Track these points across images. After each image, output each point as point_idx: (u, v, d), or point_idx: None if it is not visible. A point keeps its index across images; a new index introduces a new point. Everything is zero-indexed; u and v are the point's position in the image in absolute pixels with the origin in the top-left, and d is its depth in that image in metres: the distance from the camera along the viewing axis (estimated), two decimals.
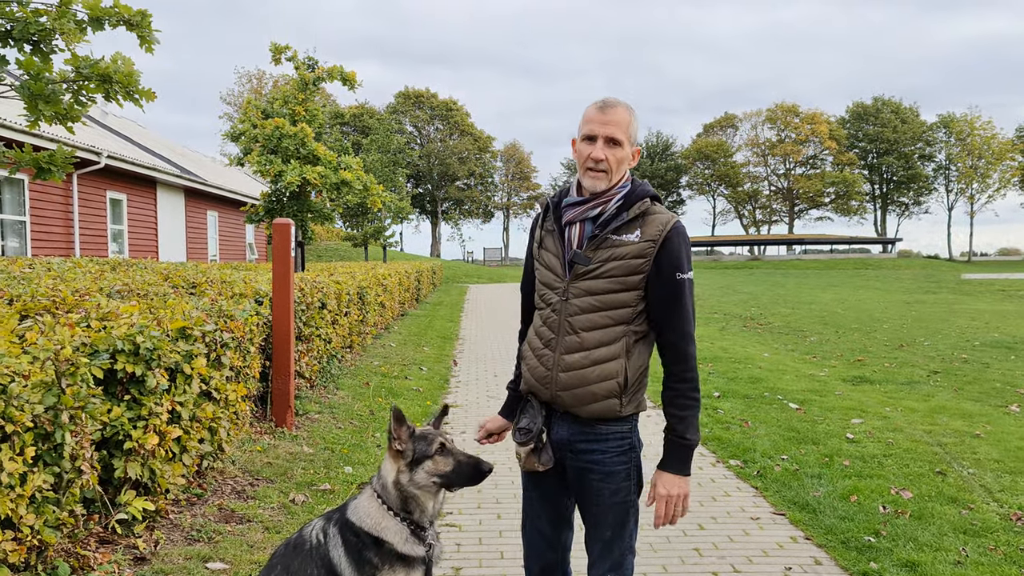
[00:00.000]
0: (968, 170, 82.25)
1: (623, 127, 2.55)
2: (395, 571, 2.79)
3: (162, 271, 8.88)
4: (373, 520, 2.81)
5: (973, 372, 11.67)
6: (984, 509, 5.30)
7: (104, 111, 25.65)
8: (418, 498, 2.76)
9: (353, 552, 2.79)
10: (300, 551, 2.83)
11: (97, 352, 4.02)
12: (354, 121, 72.55)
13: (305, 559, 2.80)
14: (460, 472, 2.75)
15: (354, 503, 2.89)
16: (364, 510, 2.85)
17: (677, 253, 2.49)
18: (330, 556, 2.80)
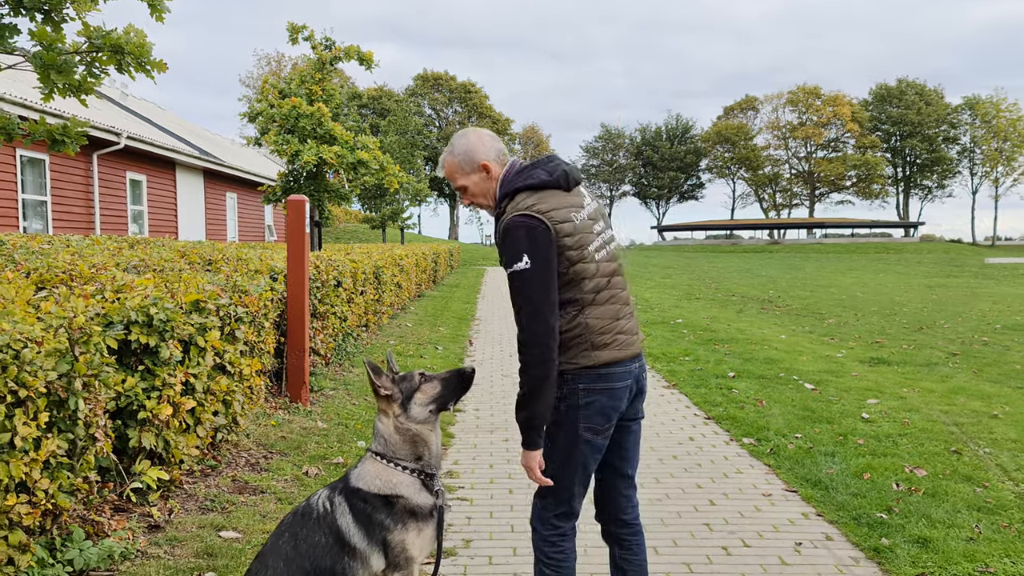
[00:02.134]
0: (993, 153, 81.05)
1: (453, 174, 2.95)
2: (407, 528, 2.83)
3: (179, 248, 8.95)
4: (382, 480, 2.85)
5: (993, 354, 11.55)
6: (999, 487, 5.26)
7: (124, 92, 25.80)
8: (422, 435, 2.86)
9: (362, 517, 2.82)
10: (308, 519, 2.86)
11: (112, 323, 4.07)
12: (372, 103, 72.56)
13: (313, 527, 2.83)
14: (448, 387, 2.89)
15: (356, 471, 2.92)
16: (371, 473, 2.88)
17: (507, 249, 2.71)
18: (338, 524, 2.82)
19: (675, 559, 4.20)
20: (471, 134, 2.94)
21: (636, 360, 2.91)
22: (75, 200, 17.05)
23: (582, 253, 2.75)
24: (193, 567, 3.76)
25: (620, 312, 2.87)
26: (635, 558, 3.07)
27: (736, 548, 4.38)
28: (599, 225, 2.88)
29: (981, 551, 4.20)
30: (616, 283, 2.89)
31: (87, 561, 3.51)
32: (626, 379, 2.84)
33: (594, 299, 2.80)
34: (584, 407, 2.78)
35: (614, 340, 2.82)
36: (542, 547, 2.94)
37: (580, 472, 2.88)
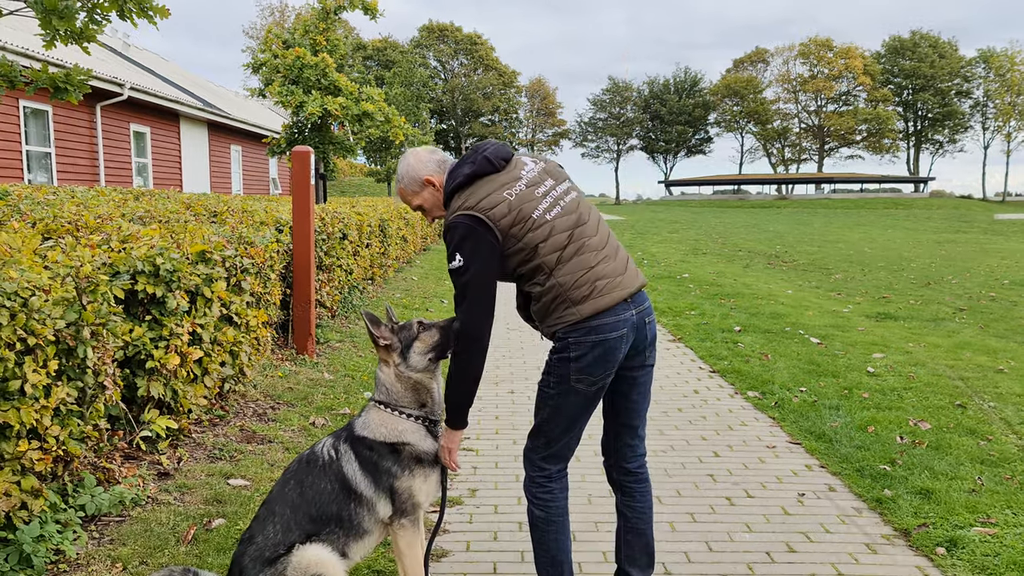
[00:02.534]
0: (1006, 107, 79.90)
1: (407, 198, 3.04)
2: (414, 474, 2.87)
3: (184, 200, 8.93)
4: (388, 427, 2.88)
5: (1000, 310, 11.53)
6: (1003, 441, 5.28)
7: (126, 43, 25.52)
8: (423, 382, 2.91)
9: (368, 465, 2.85)
10: (313, 467, 2.89)
11: (118, 273, 4.07)
12: (377, 55, 71.74)
13: (318, 474, 2.86)
14: (447, 335, 2.89)
15: (361, 420, 2.94)
16: (375, 422, 2.90)
17: (447, 249, 2.81)
18: (344, 471, 2.85)
19: (679, 509, 4.24)
20: (408, 156, 3.03)
21: (631, 307, 2.82)
22: (79, 152, 16.98)
23: (527, 224, 2.77)
24: (203, 513, 3.81)
25: (593, 260, 2.81)
26: (638, 505, 3.10)
27: (739, 499, 4.42)
28: (545, 186, 2.87)
29: (983, 502, 4.23)
30: (582, 233, 2.84)
31: (99, 506, 3.57)
32: (620, 328, 2.78)
33: (559, 258, 2.79)
34: (575, 360, 2.78)
35: (593, 289, 2.77)
36: (530, 487, 2.96)
37: (568, 421, 2.89)
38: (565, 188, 2.92)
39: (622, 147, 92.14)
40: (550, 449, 2.93)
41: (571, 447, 2.98)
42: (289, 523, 2.79)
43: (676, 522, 4.06)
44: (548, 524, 2.94)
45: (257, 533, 2.79)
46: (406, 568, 2.95)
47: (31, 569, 3.05)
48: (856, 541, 3.87)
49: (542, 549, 2.96)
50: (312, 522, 2.79)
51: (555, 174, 2.96)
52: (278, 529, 2.78)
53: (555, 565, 2.95)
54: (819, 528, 4.02)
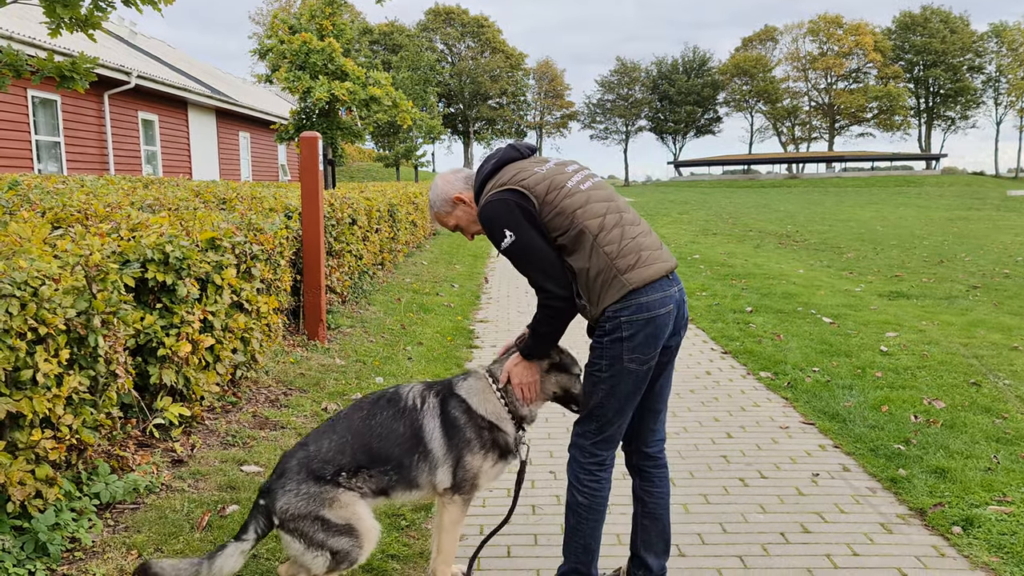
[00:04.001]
0: (1019, 82, 78.92)
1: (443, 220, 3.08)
2: (487, 457, 2.96)
3: (193, 188, 8.93)
4: (492, 405, 2.96)
5: (1014, 287, 11.44)
6: (1018, 418, 5.24)
7: (133, 31, 25.50)
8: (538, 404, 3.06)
9: (451, 427, 2.91)
10: (393, 406, 2.94)
11: (128, 261, 4.07)
12: (384, 39, 71.40)
13: (395, 415, 2.91)
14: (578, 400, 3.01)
15: (466, 383, 3.00)
16: (482, 393, 2.94)
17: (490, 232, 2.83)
18: (422, 423, 2.90)
19: (692, 490, 4.23)
20: (436, 179, 3.07)
21: (673, 284, 2.83)
22: (88, 141, 17.01)
23: (561, 191, 2.80)
24: (217, 499, 3.82)
25: (633, 232, 2.82)
26: (656, 490, 3.09)
27: (753, 479, 4.40)
28: (572, 167, 2.94)
29: (999, 481, 4.20)
30: (615, 207, 2.85)
31: (113, 494, 3.58)
32: (667, 304, 2.79)
33: (601, 224, 2.78)
34: (628, 339, 2.76)
35: (639, 259, 2.76)
36: (578, 474, 2.94)
37: (624, 402, 2.87)
38: (590, 172, 2.97)
39: (631, 128, 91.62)
40: (603, 434, 2.91)
41: (622, 430, 2.97)
42: (345, 447, 2.84)
43: (690, 504, 4.06)
44: (590, 512, 2.92)
45: (311, 443, 2.88)
46: (442, 544, 2.99)
47: (47, 557, 3.07)
48: (871, 521, 3.85)
49: (577, 535, 2.94)
50: (368, 455, 2.85)
51: (578, 163, 3.02)
52: (332, 447, 2.84)
53: (587, 552, 2.96)
54: (833, 508, 4.01)
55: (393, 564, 3.35)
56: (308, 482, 2.81)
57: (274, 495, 2.82)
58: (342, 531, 2.80)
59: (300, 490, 2.80)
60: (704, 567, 3.42)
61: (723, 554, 3.53)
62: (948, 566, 3.41)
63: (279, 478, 2.85)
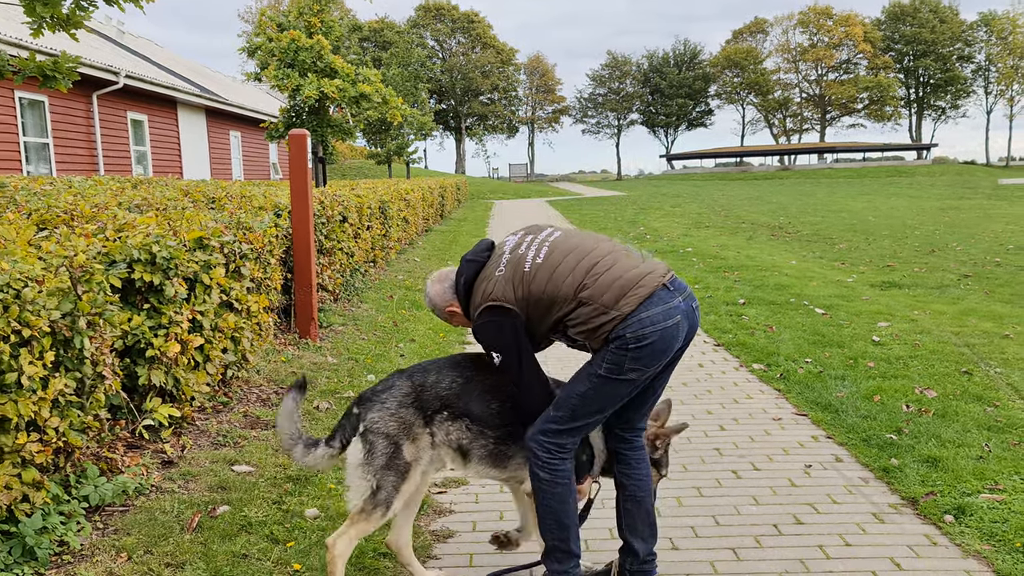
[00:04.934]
0: (1009, 70, 79.17)
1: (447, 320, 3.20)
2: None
3: (182, 187, 8.89)
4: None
5: (1006, 275, 11.46)
6: (1010, 407, 5.25)
7: (121, 30, 25.38)
8: None
9: None
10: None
11: (114, 262, 4.04)
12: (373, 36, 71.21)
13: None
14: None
15: None
16: None
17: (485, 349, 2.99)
18: None
19: (685, 484, 4.23)
20: (429, 292, 3.21)
21: (675, 294, 2.80)
22: (77, 141, 16.92)
23: (524, 282, 2.86)
24: (207, 500, 3.80)
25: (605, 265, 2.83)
26: (634, 472, 3.07)
27: (746, 471, 4.40)
28: (527, 241, 3.01)
29: (991, 469, 4.21)
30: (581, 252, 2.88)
31: (102, 497, 3.56)
32: (673, 315, 2.77)
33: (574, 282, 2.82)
34: (634, 349, 2.74)
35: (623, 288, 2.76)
36: (537, 452, 2.88)
37: (605, 404, 2.88)
38: (547, 233, 3.02)
39: (622, 122, 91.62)
40: (573, 424, 2.88)
41: (593, 427, 2.97)
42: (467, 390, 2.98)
43: (683, 497, 4.05)
44: (554, 486, 2.89)
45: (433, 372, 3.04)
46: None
47: (35, 561, 3.05)
48: (863, 511, 3.85)
49: (548, 513, 2.92)
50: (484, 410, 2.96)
51: (534, 229, 3.08)
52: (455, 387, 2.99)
53: (562, 528, 2.91)
54: (826, 499, 4.01)
55: (385, 562, 3.34)
56: (408, 408, 2.94)
57: (371, 405, 2.94)
58: (399, 470, 2.88)
59: (397, 412, 2.93)
60: (697, 560, 3.42)
61: (716, 547, 3.52)
62: (940, 555, 3.41)
63: (384, 391, 2.98)
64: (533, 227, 3.11)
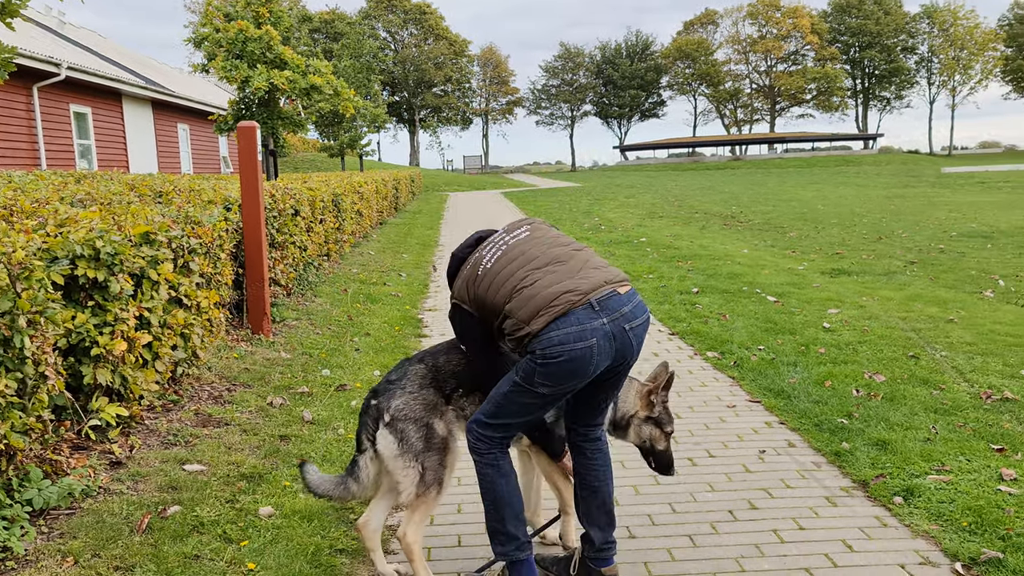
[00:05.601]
0: (950, 62, 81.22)
1: None
2: None
3: (128, 182, 8.68)
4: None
5: (949, 261, 11.75)
6: (955, 389, 5.38)
7: (62, 21, 24.67)
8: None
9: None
10: None
11: (56, 258, 3.92)
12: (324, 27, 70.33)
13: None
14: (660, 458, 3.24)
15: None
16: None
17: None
18: None
19: (642, 472, 4.23)
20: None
21: (599, 315, 2.70)
22: (17, 135, 16.42)
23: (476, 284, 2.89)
24: (158, 500, 3.71)
25: (534, 277, 2.78)
26: (589, 462, 3.06)
27: (701, 459, 4.44)
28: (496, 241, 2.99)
29: (937, 451, 4.30)
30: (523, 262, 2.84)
31: (47, 500, 3.45)
32: (587, 338, 2.66)
33: (502, 293, 2.82)
34: (542, 367, 2.71)
35: (538, 306, 2.71)
36: (470, 438, 2.94)
37: (521, 412, 2.87)
38: (513, 235, 2.99)
39: (576, 113, 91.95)
40: (496, 420, 2.89)
41: (520, 428, 2.98)
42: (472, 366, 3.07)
43: (639, 485, 4.07)
44: (483, 469, 2.92)
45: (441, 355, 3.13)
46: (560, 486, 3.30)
47: None
48: (816, 495, 3.92)
49: (483, 496, 2.94)
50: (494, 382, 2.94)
51: (512, 227, 3.05)
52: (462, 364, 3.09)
53: (496, 510, 2.91)
54: (780, 484, 4.06)
55: (342, 559, 3.30)
56: (429, 388, 3.03)
57: (392, 393, 3.01)
58: (438, 448, 2.97)
59: (420, 394, 3.01)
60: (654, 547, 3.44)
61: (673, 533, 3.55)
62: (890, 535, 3.48)
63: (400, 379, 3.06)
64: (513, 224, 3.08)
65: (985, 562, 3.18)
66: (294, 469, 4.18)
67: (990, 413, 4.89)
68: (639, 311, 2.82)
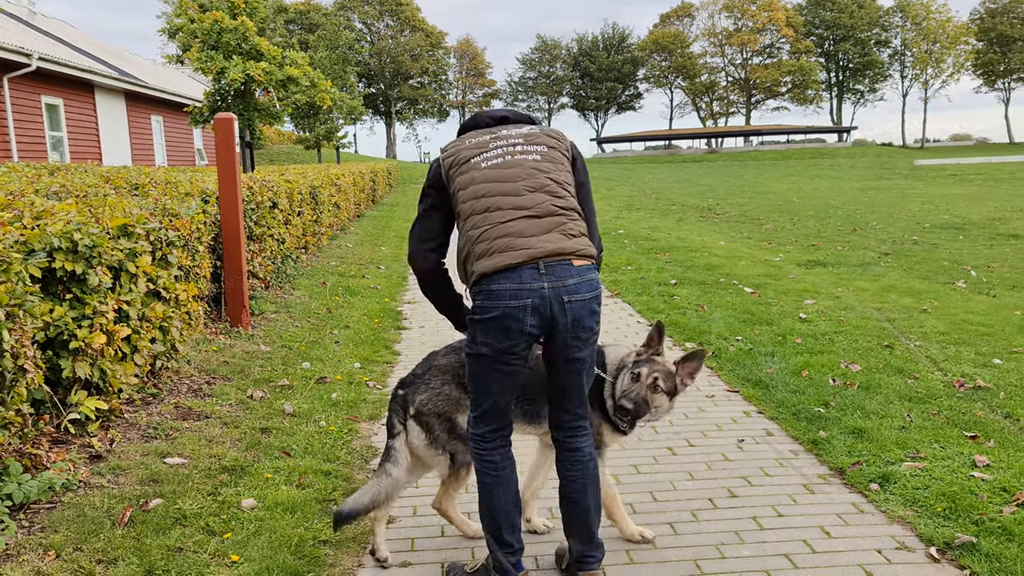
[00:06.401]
0: (923, 55, 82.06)
1: None
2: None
3: (103, 174, 8.58)
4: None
5: (922, 252, 11.92)
6: (929, 378, 5.47)
7: (32, 11, 24.28)
8: None
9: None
10: None
11: (33, 251, 3.88)
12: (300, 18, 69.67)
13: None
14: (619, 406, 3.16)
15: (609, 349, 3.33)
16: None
17: None
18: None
19: (623, 462, 4.29)
20: None
21: (543, 278, 2.68)
22: None
23: (460, 168, 2.86)
24: (139, 494, 3.70)
25: (504, 216, 2.72)
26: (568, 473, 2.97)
27: (681, 448, 4.49)
28: (506, 140, 2.89)
29: (912, 438, 4.38)
30: (504, 189, 2.76)
31: (27, 494, 3.43)
32: (522, 297, 2.66)
33: (472, 207, 2.79)
34: (480, 322, 2.75)
35: (492, 246, 2.70)
36: (475, 450, 2.97)
37: (481, 384, 2.88)
38: (525, 149, 2.87)
39: (553, 106, 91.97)
40: (477, 409, 2.93)
41: (496, 411, 2.90)
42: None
43: (621, 475, 4.11)
44: (482, 476, 2.94)
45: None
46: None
47: None
48: (794, 483, 3.97)
49: (481, 500, 2.95)
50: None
51: (532, 137, 2.93)
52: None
53: (492, 518, 2.92)
54: (759, 472, 4.11)
55: (326, 550, 3.31)
56: (451, 384, 3.16)
57: (416, 388, 3.20)
58: (462, 436, 3.11)
59: (442, 390, 3.16)
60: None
61: (654, 521, 3.59)
62: (867, 521, 3.54)
63: (424, 373, 3.22)
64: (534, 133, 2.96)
65: (959, 546, 3.25)
66: (276, 461, 4.18)
67: (963, 401, 4.98)
68: (584, 288, 2.77)
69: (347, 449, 4.46)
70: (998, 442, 4.29)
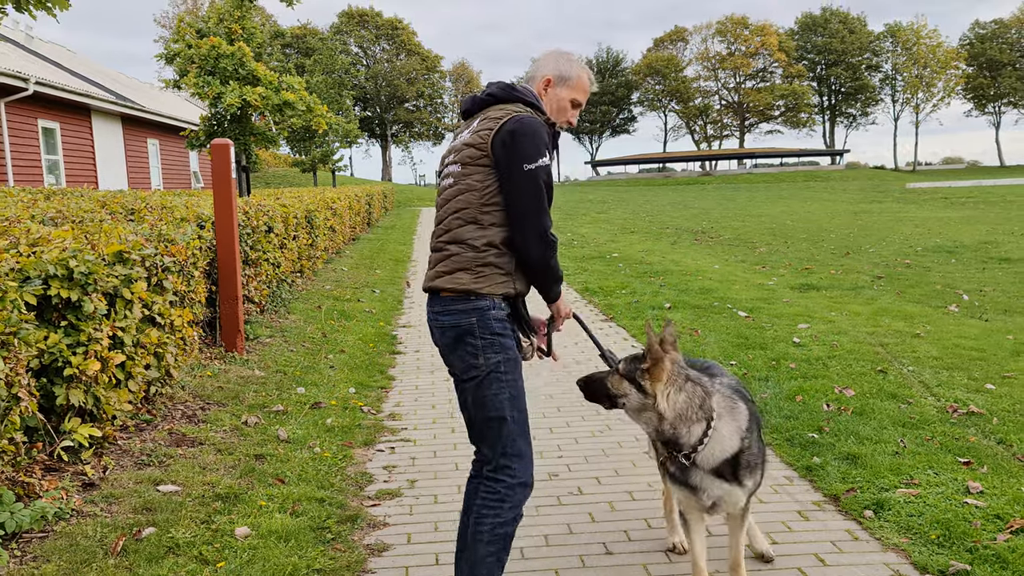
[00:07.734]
0: (914, 79, 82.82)
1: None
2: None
3: (99, 198, 8.60)
4: None
5: (915, 276, 11.97)
6: (922, 403, 5.48)
7: (29, 35, 24.42)
8: None
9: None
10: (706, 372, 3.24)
11: (29, 278, 3.89)
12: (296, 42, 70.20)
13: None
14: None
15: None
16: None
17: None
18: None
19: (617, 488, 4.28)
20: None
21: (433, 305, 2.85)
22: None
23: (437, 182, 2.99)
24: (132, 522, 3.68)
25: (432, 242, 2.93)
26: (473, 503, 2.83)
27: None
28: (450, 153, 2.94)
29: (906, 464, 4.39)
30: (440, 214, 2.90)
31: (19, 523, 3.41)
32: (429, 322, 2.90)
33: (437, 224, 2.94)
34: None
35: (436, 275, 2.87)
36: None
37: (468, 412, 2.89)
38: (448, 171, 2.90)
39: None
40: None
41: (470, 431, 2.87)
42: None
43: (615, 501, 4.10)
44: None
45: None
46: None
47: None
48: (788, 509, 3.97)
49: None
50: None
51: (461, 149, 2.83)
52: None
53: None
54: (753, 499, 4.10)
55: None
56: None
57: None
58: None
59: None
60: (631, 563, 3.47)
61: (649, 549, 3.58)
62: (861, 549, 3.54)
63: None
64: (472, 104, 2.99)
65: (954, 574, 3.25)
66: (270, 488, 4.17)
67: (956, 427, 4.99)
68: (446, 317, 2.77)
69: (341, 476, 4.46)
70: (991, 468, 4.30)
